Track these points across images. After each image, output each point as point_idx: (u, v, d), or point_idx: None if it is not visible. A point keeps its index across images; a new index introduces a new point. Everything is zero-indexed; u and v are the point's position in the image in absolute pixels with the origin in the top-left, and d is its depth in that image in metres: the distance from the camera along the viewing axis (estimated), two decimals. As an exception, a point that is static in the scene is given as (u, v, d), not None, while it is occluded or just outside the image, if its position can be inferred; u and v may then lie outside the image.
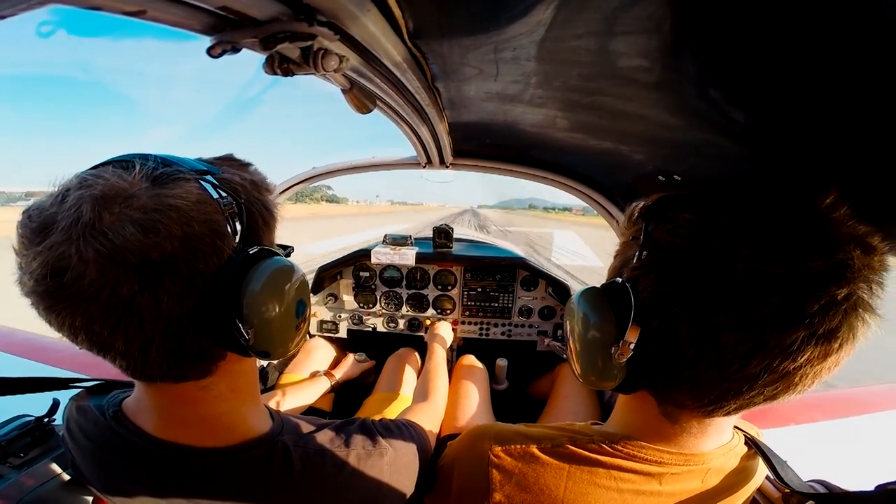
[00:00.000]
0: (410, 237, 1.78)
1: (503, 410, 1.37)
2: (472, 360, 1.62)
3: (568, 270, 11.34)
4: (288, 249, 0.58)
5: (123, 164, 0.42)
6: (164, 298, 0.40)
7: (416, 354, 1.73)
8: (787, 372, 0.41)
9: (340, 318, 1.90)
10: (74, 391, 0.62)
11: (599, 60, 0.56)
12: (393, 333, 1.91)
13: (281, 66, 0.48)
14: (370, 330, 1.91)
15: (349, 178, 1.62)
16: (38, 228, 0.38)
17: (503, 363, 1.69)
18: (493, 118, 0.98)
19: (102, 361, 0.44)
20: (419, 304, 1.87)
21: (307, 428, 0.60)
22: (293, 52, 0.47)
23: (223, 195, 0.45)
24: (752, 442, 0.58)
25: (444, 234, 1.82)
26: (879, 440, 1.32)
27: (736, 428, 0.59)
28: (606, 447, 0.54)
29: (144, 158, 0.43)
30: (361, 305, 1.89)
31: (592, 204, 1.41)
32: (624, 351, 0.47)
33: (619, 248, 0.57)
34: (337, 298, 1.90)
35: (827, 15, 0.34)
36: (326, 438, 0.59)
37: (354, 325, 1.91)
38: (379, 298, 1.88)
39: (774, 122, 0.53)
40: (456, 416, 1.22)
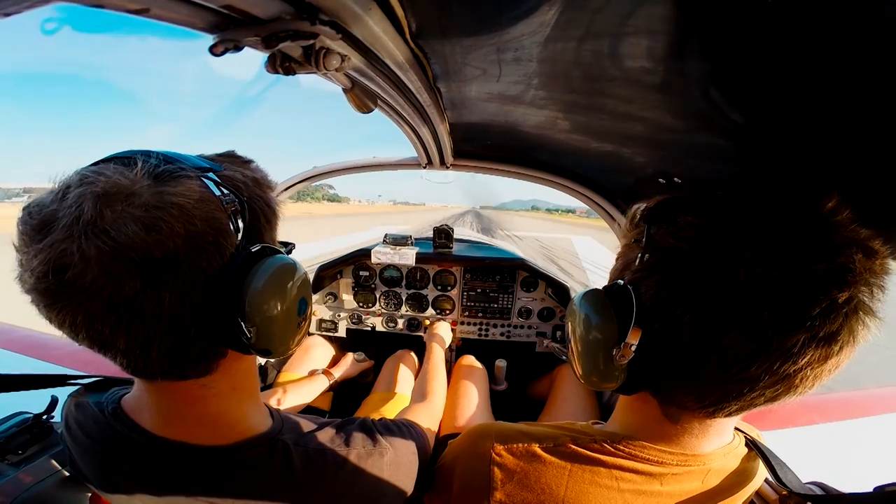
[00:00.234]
0: (410, 237, 1.78)
1: (502, 411, 1.37)
2: (471, 360, 1.62)
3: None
4: (289, 246, 0.58)
5: (125, 160, 0.42)
6: (166, 297, 0.40)
7: (414, 355, 1.72)
8: (787, 374, 0.41)
9: (340, 317, 1.90)
10: (73, 388, 0.62)
11: (601, 62, 0.56)
12: (392, 333, 1.91)
13: (283, 64, 0.48)
14: (369, 329, 1.91)
15: (352, 177, 1.63)
16: (38, 225, 0.38)
17: (502, 364, 1.69)
18: (494, 119, 0.99)
19: (101, 358, 0.43)
20: (418, 303, 1.87)
21: (307, 427, 0.60)
22: (295, 50, 0.47)
23: (225, 192, 0.45)
24: (752, 443, 0.58)
25: (444, 234, 1.82)
26: (877, 443, 1.32)
27: (736, 429, 0.59)
28: (608, 447, 0.55)
29: (146, 155, 0.42)
30: (361, 305, 1.89)
31: (593, 206, 1.41)
32: (626, 352, 0.47)
33: (621, 250, 0.57)
34: (336, 297, 1.90)
35: (828, 18, 0.35)
36: (327, 437, 0.59)
37: (354, 324, 1.91)
38: (378, 298, 1.88)
39: (775, 125, 0.53)
40: (455, 416, 1.22)
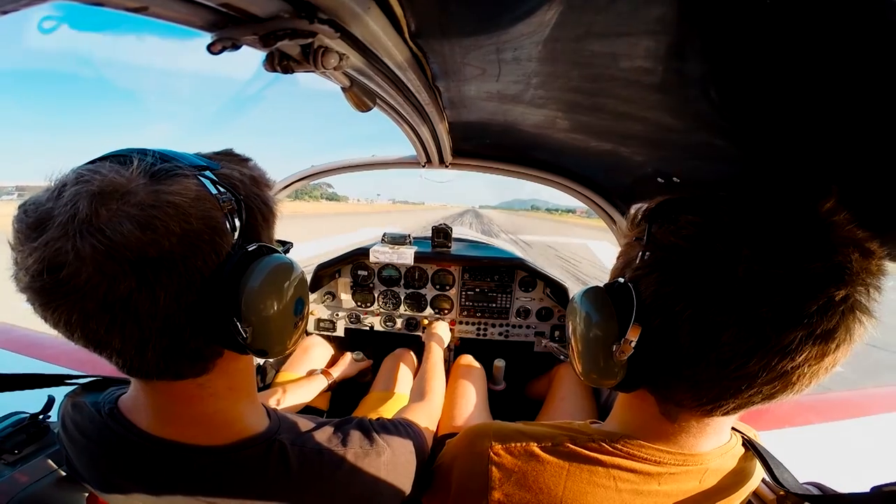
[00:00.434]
0: (409, 236, 1.78)
1: (500, 411, 1.37)
2: (469, 359, 1.62)
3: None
4: (287, 245, 0.58)
5: (121, 159, 0.41)
6: (161, 296, 0.39)
7: (413, 354, 1.72)
8: (785, 371, 0.41)
9: (338, 316, 1.90)
10: (69, 388, 0.62)
11: (600, 62, 0.56)
12: (390, 333, 1.90)
13: (281, 63, 0.48)
14: (368, 329, 1.91)
15: (350, 176, 1.62)
16: (34, 224, 0.37)
17: (501, 364, 1.69)
18: (493, 118, 0.98)
19: (98, 358, 0.43)
20: (417, 303, 1.87)
21: (305, 426, 0.60)
22: (293, 49, 0.46)
23: (222, 191, 0.45)
24: (749, 443, 0.59)
25: (442, 233, 1.82)
26: (874, 443, 1.33)
27: (734, 429, 0.59)
28: (606, 446, 0.55)
29: (142, 153, 0.42)
30: (359, 304, 1.89)
31: (591, 205, 1.41)
32: (625, 349, 0.47)
33: (621, 248, 0.58)
34: (335, 297, 1.90)
35: (828, 18, 0.35)
36: (324, 437, 0.59)
37: (352, 323, 1.91)
38: (377, 297, 1.88)
39: (774, 126, 0.53)
40: (453, 415, 1.22)
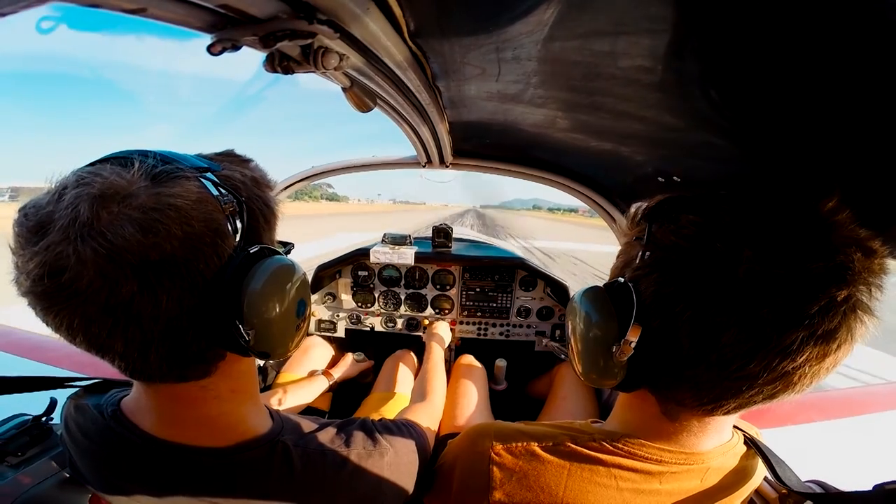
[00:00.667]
0: (409, 236, 1.78)
1: (501, 410, 1.37)
2: (470, 359, 1.62)
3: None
4: (288, 246, 0.58)
5: (122, 161, 0.41)
6: (163, 299, 0.39)
7: (413, 354, 1.72)
8: (786, 371, 0.41)
9: (339, 317, 1.90)
10: (72, 390, 0.62)
11: (600, 61, 0.56)
12: (391, 333, 1.90)
13: (281, 63, 0.48)
14: (368, 329, 1.91)
15: (351, 176, 1.62)
16: (34, 227, 0.37)
17: (502, 364, 1.69)
18: (493, 118, 0.98)
19: (100, 360, 0.43)
20: (417, 303, 1.87)
21: (307, 427, 0.60)
22: (293, 50, 0.46)
23: (224, 193, 0.44)
24: (751, 442, 0.59)
25: (443, 233, 1.82)
26: (877, 440, 1.33)
27: (735, 428, 0.59)
28: (607, 445, 0.55)
29: (143, 155, 0.42)
30: (360, 305, 1.89)
31: (591, 204, 1.41)
32: (625, 349, 0.47)
33: (621, 248, 0.58)
34: (335, 298, 1.90)
35: (828, 17, 0.34)
36: (327, 438, 0.59)
37: (353, 324, 1.91)
38: (377, 298, 1.88)
39: (775, 125, 0.53)
40: (454, 415, 1.22)
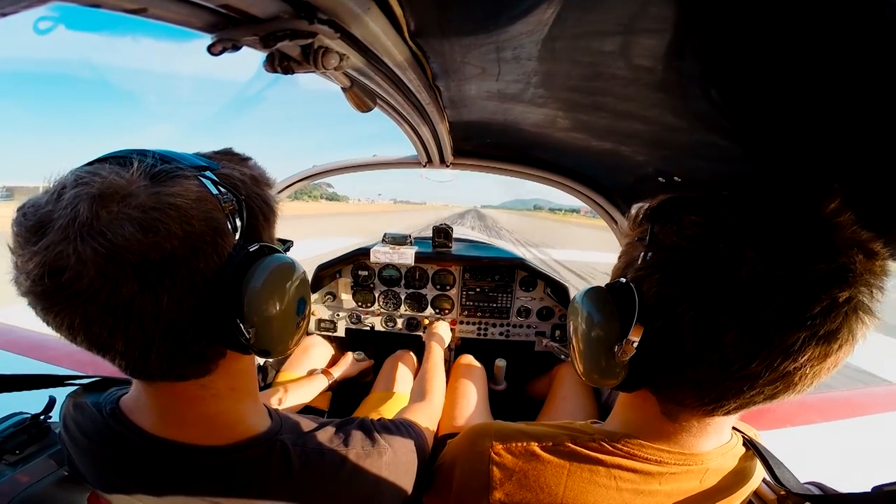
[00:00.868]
0: (410, 236, 1.78)
1: (501, 410, 1.37)
2: (469, 359, 1.62)
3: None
4: (287, 244, 0.58)
5: (121, 160, 0.41)
6: (164, 298, 0.39)
7: (413, 354, 1.72)
8: (787, 372, 0.41)
9: (339, 316, 1.90)
10: (71, 388, 0.62)
11: (601, 61, 0.56)
12: (391, 333, 1.90)
13: (281, 63, 0.48)
14: (368, 329, 1.91)
15: (352, 176, 1.62)
16: (34, 227, 0.37)
17: (502, 364, 1.69)
18: (493, 118, 0.98)
19: (99, 359, 0.43)
20: (418, 303, 1.87)
21: (306, 427, 0.60)
22: (293, 50, 0.47)
23: (223, 191, 0.44)
24: (750, 443, 0.59)
25: (443, 233, 1.82)
26: (876, 442, 1.33)
27: (734, 429, 0.59)
28: (607, 446, 0.55)
29: (142, 154, 0.42)
30: (360, 304, 1.89)
31: (592, 205, 1.41)
32: (627, 349, 0.47)
33: (623, 248, 0.58)
34: (335, 297, 1.90)
35: (830, 17, 0.34)
36: (325, 437, 0.59)
37: (353, 323, 1.91)
38: (377, 297, 1.88)
39: (776, 125, 0.53)
40: (454, 415, 1.22)
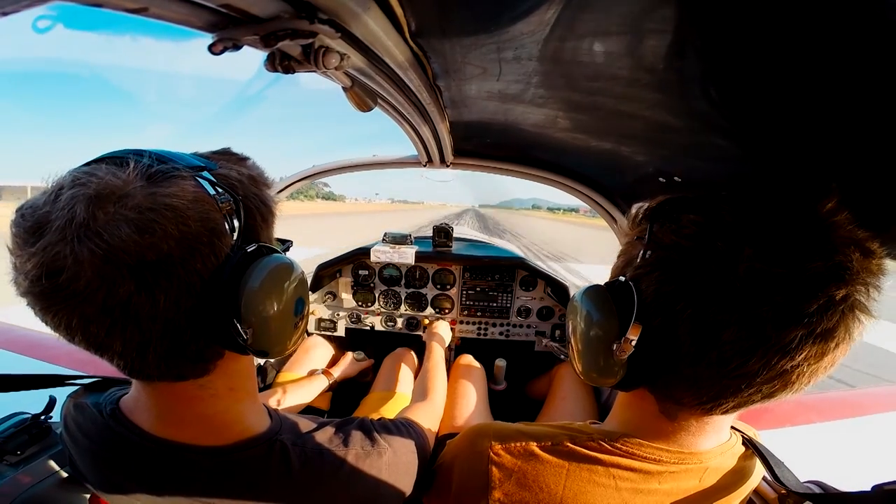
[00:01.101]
0: (410, 236, 1.78)
1: (501, 410, 1.37)
2: (469, 359, 1.62)
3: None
4: (286, 244, 0.58)
5: (117, 161, 0.41)
6: (161, 299, 0.39)
7: (413, 354, 1.72)
8: (784, 370, 0.42)
9: (339, 316, 1.90)
10: (71, 388, 0.62)
11: (601, 61, 0.56)
12: (391, 332, 1.90)
13: (282, 63, 0.48)
14: (368, 328, 1.91)
15: (349, 175, 1.62)
16: (31, 228, 0.37)
17: (502, 364, 1.69)
18: (494, 117, 0.98)
19: (99, 359, 0.43)
20: (418, 303, 1.87)
21: (306, 427, 0.60)
22: (294, 49, 0.46)
23: (220, 192, 0.44)
24: (749, 442, 0.59)
25: (443, 233, 1.82)
26: (876, 441, 1.33)
27: (733, 428, 0.59)
28: (605, 445, 0.55)
29: (139, 155, 0.42)
30: (360, 304, 1.89)
31: (592, 204, 1.41)
32: (625, 348, 0.47)
33: (623, 247, 0.58)
34: (335, 297, 1.90)
35: (829, 17, 0.34)
36: (325, 437, 0.59)
37: (353, 323, 1.91)
38: (378, 297, 1.88)
39: (776, 125, 0.53)
40: (454, 415, 1.22)
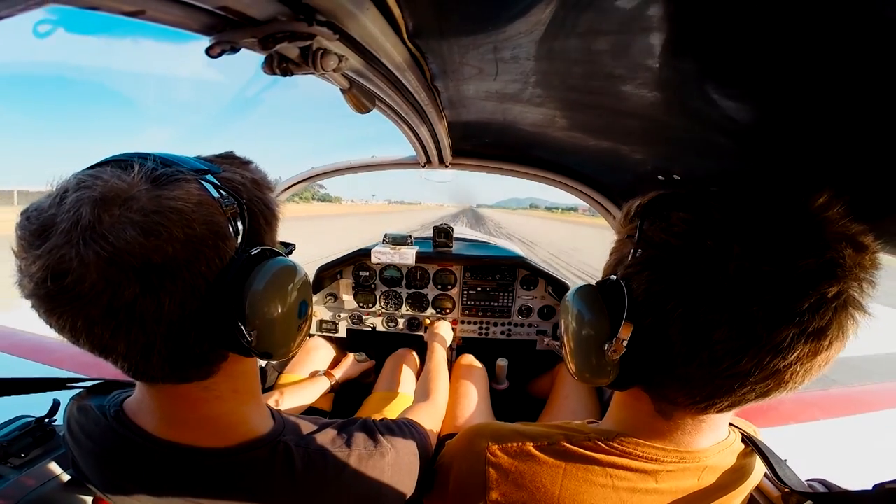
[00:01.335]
0: (410, 236, 1.78)
1: (503, 410, 1.37)
2: (471, 359, 1.62)
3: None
4: (290, 247, 0.58)
5: (122, 164, 0.41)
6: (165, 301, 0.40)
7: (415, 354, 1.73)
8: (777, 369, 0.41)
9: (340, 317, 1.90)
10: (75, 391, 0.62)
11: (598, 60, 0.56)
12: (392, 333, 1.91)
13: (280, 65, 0.48)
14: (370, 329, 1.91)
15: (345, 177, 1.62)
16: (37, 231, 0.37)
17: (503, 363, 1.69)
18: (492, 117, 0.98)
19: (103, 361, 0.43)
20: (419, 303, 1.87)
21: (308, 428, 0.60)
22: (292, 51, 0.47)
23: (224, 195, 0.45)
24: (748, 440, 0.58)
25: (443, 233, 1.82)
26: (878, 439, 1.32)
27: (732, 426, 0.59)
28: (602, 444, 0.55)
29: (143, 158, 0.42)
30: (361, 305, 1.89)
31: (592, 203, 1.41)
32: (617, 348, 0.47)
33: (614, 245, 0.57)
34: (336, 298, 1.90)
35: (824, 15, 0.34)
36: (328, 438, 0.59)
37: (354, 324, 1.91)
38: (378, 298, 1.88)
39: (772, 121, 0.53)
40: (455, 415, 1.22)
